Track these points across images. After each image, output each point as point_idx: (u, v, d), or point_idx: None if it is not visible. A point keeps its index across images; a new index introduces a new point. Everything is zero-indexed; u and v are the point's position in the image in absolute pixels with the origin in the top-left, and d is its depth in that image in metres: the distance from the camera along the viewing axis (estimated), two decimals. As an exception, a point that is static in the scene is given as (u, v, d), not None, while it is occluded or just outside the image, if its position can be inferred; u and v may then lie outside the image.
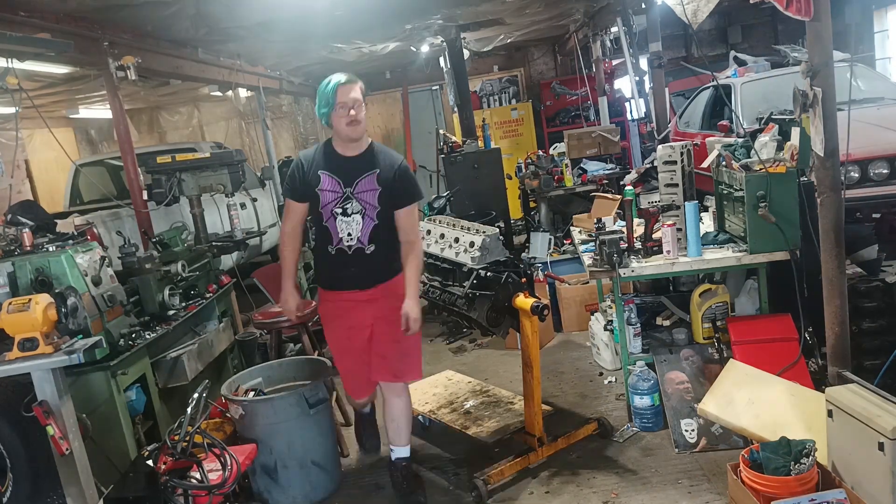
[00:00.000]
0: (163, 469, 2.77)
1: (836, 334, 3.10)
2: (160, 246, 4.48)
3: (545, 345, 5.13)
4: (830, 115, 2.90)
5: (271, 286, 5.27)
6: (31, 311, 2.88)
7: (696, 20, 3.62)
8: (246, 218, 7.30)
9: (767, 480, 2.57)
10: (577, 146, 6.66)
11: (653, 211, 3.74)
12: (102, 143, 11.35)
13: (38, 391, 2.97)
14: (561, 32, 10.00)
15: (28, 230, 3.46)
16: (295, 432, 3.37)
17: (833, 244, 3.03)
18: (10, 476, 3.35)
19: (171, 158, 5.17)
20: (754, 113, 4.71)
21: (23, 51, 4.32)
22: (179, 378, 3.87)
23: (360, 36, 7.43)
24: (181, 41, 6.38)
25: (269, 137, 8.95)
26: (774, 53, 7.24)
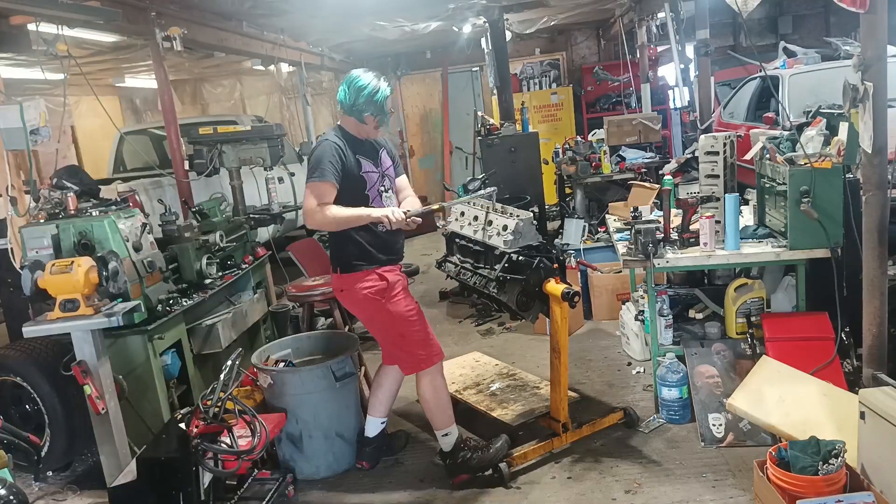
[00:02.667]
0: (194, 433, 2.84)
1: (873, 335, 3.04)
2: (199, 216, 4.56)
3: (574, 332, 5.11)
4: (881, 111, 2.82)
5: (306, 260, 5.34)
6: (73, 273, 2.96)
7: (747, 9, 3.54)
8: (283, 192, 7.38)
9: (794, 479, 2.54)
10: (617, 133, 6.58)
11: (691, 202, 3.68)
12: (146, 112, 11.52)
13: (78, 351, 3.07)
14: (606, 16, 9.84)
15: (73, 194, 3.55)
16: (321, 404, 3.43)
17: (876, 244, 2.96)
18: (48, 431, 3.48)
19: (212, 130, 5.23)
20: (802, 106, 4.58)
21: (72, 18, 4.40)
22: (213, 345, 3.97)
23: (403, 14, 7.41)
24: (227, 14, 6.44)
25: (309, 113, 9.00)
26: (826, 46, 7.03)
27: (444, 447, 3.32)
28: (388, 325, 3.26)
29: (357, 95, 3.15)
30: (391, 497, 3.28)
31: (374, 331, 3.41)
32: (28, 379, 3.45)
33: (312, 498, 3.35)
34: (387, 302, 3.20)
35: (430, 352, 3.28)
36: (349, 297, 3.28)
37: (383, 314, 3.23)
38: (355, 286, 3.21)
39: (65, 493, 3.56)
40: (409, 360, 3.30)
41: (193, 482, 2.76)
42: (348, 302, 3.34)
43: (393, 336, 3.28)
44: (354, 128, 3.25)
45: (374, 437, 3.53)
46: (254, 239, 5.16)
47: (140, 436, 3.38)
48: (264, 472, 3.36)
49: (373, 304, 3.21)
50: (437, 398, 3.30)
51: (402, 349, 3.28)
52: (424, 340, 3.27)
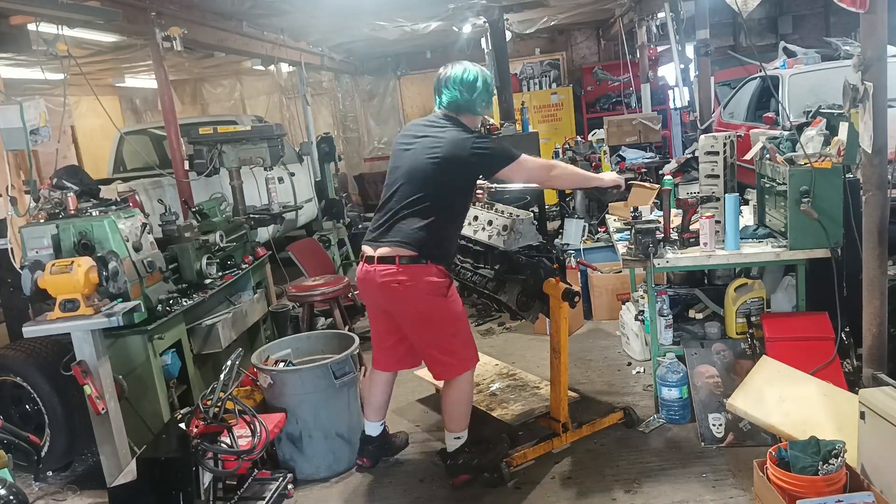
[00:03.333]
0: (194, 433, 2.84)
1: (873, 335, 3.04)
2: (199, 216, 4.56)
3: (574, 332, 5.11)
4: (881, 112, 2.82)
5: (305, 260, 5.35)
6: (73, 272, 2.96)
7: (747, 9, 3.54)
8: (283, 192, 7.38)
9: (794, 479, 2.54)
10: (617, 133, 6.57)
11: (691, 202, 3.68)
12: (146, 112, 11.53)
13: (78, 351, 3.07)
14: (606, 16, 9.85)
15: (73, 194, 3.55)
16: (321, 404, 3.43)
17: (876, 244, 2.96)
18: (48, 432, 3.48)
19: (212, 130, 5.24)
20: (802, 106, 4.58)
21: (72, 18, 4.40)
22: (213, 345, 3.96)
23: (403, 14, 7.41)
24: (227, 14, 6.44)
25: (309, 113, 9.00)
26: (825, 45, 7.04)
27: (449, 448, 3.31)
28: (445, 324, 3.16)
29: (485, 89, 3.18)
30: (391, 497, 3.28)
31: (425, 329, 3.19)
32: (28, 379, 3.45)
33: (312, 498, 3.35)
34: (447, 300, 3.13)
35: (473, 352, 3.27)
36: (410, 290, 3.05)
37: (444, 312, 3.13)
38: (423, 279, 3.04)
39: (65, 493, 3.56)
40: (451, 362, 3.20)
41: (193, 482, 2.75)
42: (407, 295, 3.07)
43: (445, 335, 3.17)
44: (472, 123, 3.24)
45: (377, 436, 3.53)
46: (254, 239, 5.16)
47: (140, 436, 3.38)
48: (264, 472, 3.36)
49: (434, 300, 3.08)
50: (465, 401, 3.26)
51: (450, 350, 3.19)
52: (470, 340, 3.27)
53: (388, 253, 3.07)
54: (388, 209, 3.16)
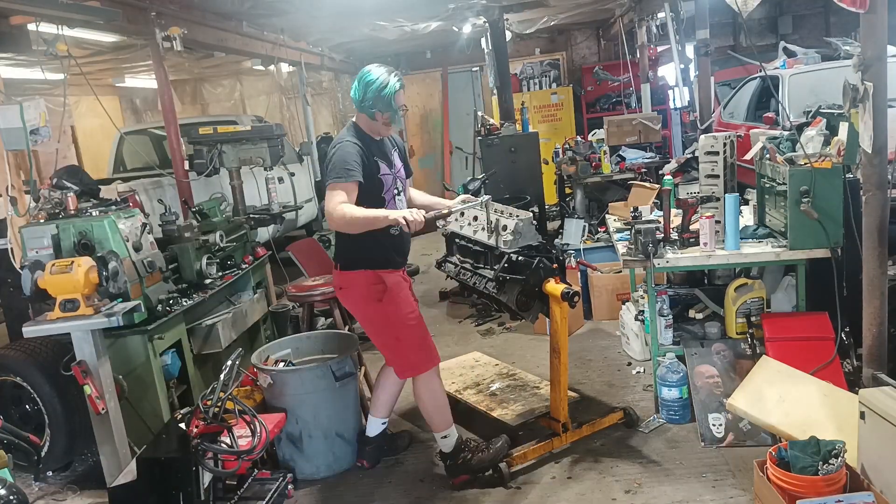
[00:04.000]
0: (194, 433, 2.84)
1: (873, 335, 3.04)
2: (199, 216, 4.56)
3: (574, 332, 5.11)
4: (881, 111, 2.82)
5: (306, 260, 5.34)
6: (73, 272, 2.96)
7: (747, 9, 3.54)
8: (283, 192, 7.38)
9: (794, 479, 2.54)
10: (617, 133, 6.57)
11: (691, 202, 3.68)
12: (146, 112, 11.53)
13: (78, 351, 3.07)
14: (606, 16, 9.84)
15: (73, 194, 3.55)
16: (321, 404, 3.43)
17: (876, 244, 2.96)
18: (48, 432, 3.48)
19: (212, 130, 5.24)
20: (802, 106, 4.58)
21: (72, 18, 4.40)
22: (213, 345, 3.96)
23: (403, 14, 7.41)
24: (227, 14, 6.44)
25: (309, 113, 9.00)
26: (825, 46, 7.03)
27: (443, 448, 3.32)
28: (384, 328, 3.23)
29: (366, 91, 3.12)
30: (391, 497, 3.28)
31: (369, 332, 3.35)
32: (28, 379, 3.45)
33: (312, 498, 3.35)
34: (384, 304, 3.18)
35: (424, 356, 3.25)
36: (348, 295, 3.27)
37: (380, 316, 3.21)
38: (354, 285, 3.20)
39: (65, 493, 3.56)
40: (403, 364, 3.27)
41: (193, 482, 2.75)
42: (347, 301, 3.33)
43: (389, 339, 3.24)
44: (367, 125, 3.21)
45: (375, 436, 3.53)
46: (254, 239, 5.16)
47: (140, 436, 3.38)
48: (264, 472, 3.35)
49: (371, 305, 3.19)
50: (434, 401, 3.28)
51: (396, 353, 3.26)
52: (419, 345, 3.24)
53: (335, 261, 3.29)
54: None
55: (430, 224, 3.41)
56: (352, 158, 3.03)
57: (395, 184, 3.26)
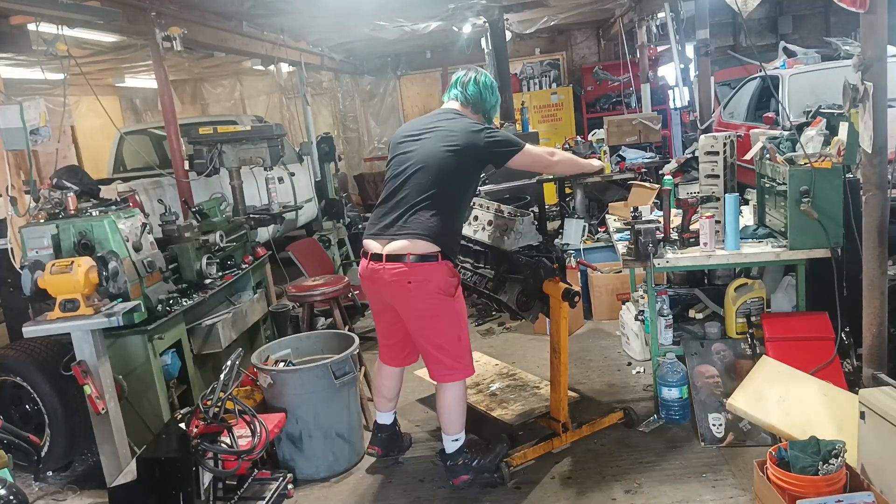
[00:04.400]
0: (194, 433, 2.84)
1: (873, 335, 3.03)
2: (199, 216, 4.56)
3: (574, 332, 5.11)
4: (881, 111, 2.82)
5: (305, 260, 5.34)
6: (73, 273, 2.96)
7: (747, 9, 3.54)
8: (283, 192, 7.37)
9: (794, 479, 2.54)
10: (617, 133, 6.57)
11: (691, 202, 3.68)
12: (146, 112, 11.54)
13: (78, 351, 3.07)
14: (605, 16, 9.85)
15: (73, 194, 3.55)
16: (321, 404, 3.43)
17: (876, 244, 2.96)
18: (48, 432, 3.48)
19: (212, 130, 5.23)
20: (802, 106, 4.59)
21: (72, 18, 4.40)
22: (213, 345, 3.96)
23: (403, 14, 7.41)
24: (227, 14, 6.44)
25: (309, 113, 9.00)
26: (825, 45, 7.04)
27: (448, 450, 3.30)
28: (451, 326, 3.09)
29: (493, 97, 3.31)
30: (391, 497, 3.28)
31: (431, 329, 3.10)
32: (28, 379, 3.45)
33: (312, 498, 3.35)
34: (456, 301, 3.08)
35: (471, 360, 3.23)
36: (420, 288, 3.00)
37: (450, 313, 3.07)
38: (432, 277, 2.99)
39: (65, 493, 3.56)
40: (454, 365, 3.14)
41: (193, 482, 2.76)
42: (415, 294, 3.02)
43: (451, 337, 3.10)
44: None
45: (391, 423, 3.54)
46: (254, 239, 5.16)
47: (140, 436, 3.38)
48: (264, 472, 3.36)
49: (444, 300, 3.03)
50: (459, 406, 3.21)
51: (452, 353, 3.11)
52: (469, 347, 3.22)
53: (399, 249, 3.00)
54: (399, 200, 3.08)
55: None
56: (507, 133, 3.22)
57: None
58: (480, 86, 3.26)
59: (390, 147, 3.34)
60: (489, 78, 3.33)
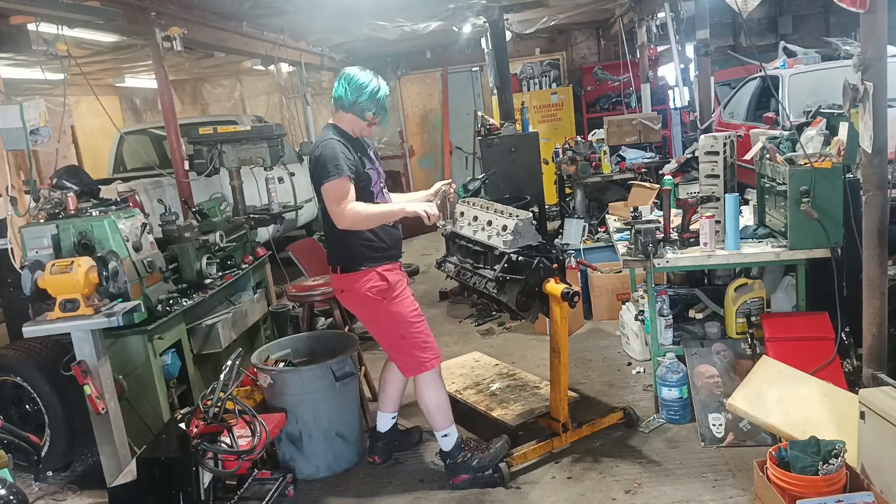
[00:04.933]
0: (194, 433, 2.84)
1: (873, 335, 3.03)
2: (199, 216, 4.56)
3: (574, 332, 5.11)
4: (881, 111, 2.82)
5: (305, 260, 5.34)
6: (73, 272, 2.96)
7: (747, 9, 3.54)
8: (283, 192, 7.38)
9: (794, 479, 2.54)
10: (617, 133, 6.57)
11: (691, 202, 3.68)
12: (146, 112, 11.54)
13: (78, 351, 3.07)
14: (606, 16, 9.84)
15: (73, 194, 3.55)
16: (321, 404, 3.43)
17: (876, 244, 2.96)
18: (48, 432, 3.48)
19: (212, 130, 5.23)
20: (802, 106, 4.58)
21: (72, 18, 4.40)
22: (213, 345, 3.96)
23: (403, 14, 7.41)
24: (227, 14, 6.44)
25: (309, 113, 9.01)
26: (825, 46, 7.04)
27: (443, 447, 3.32)
28: (390, 327, 3.23)
29: (359, 93, 3.16)
30: (391, 497, 3.28)
31: (374, 332, 3.34)
32: (28, 379, 3.45)
33: (312, 498, 3.35)
34: (388, 302, 3.18)
35: (428, 354, 3.25)
36: (350, 297, 3.26)
37: (385, 315, 3.21)
38: (356, 286, 3.18)
39: (65, 493, 3.56)
40: (408, 363, 3.28)
41: (193, 482, 2.76)
42: (349, 302, 3.31)
43: (393, 338, 3.25)
44: (350, 125, 3.24)
45: (386, 431, 3.55)
46: (254, 239, 5.15)
47: (140, 436, 3.38)
48: (264, 472, 3.36)
49: (374, 304, 3.18)
50: (436, 400, 3.29)
51: (401, 351, 3.26)
52: (424, 343, 3.25)
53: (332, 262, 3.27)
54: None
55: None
56: (339, 155, 3.07)
57: (379, 178, 3.31)
58: (342, 82, 3.18)
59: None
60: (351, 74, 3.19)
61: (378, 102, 3.19)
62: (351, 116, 3.22)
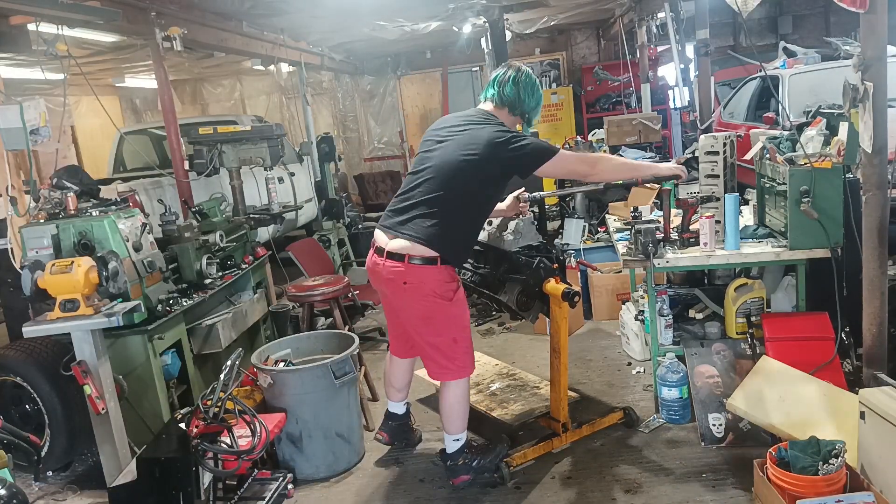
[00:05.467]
0: (194, 433, 2.84)
1: (873, 335, 3.04)
2: (199, 216, 4.56)
3: (574, 332, 5.11)
4: (881, 111, 2.82)
5: (305, 260, 5.34)
6: (73, 273, 2.96)
7: (747, 9, 3.54)
8: (283, 192, 7.37)
9: (794, 479, 2.54)
10: (617, 133, 6.57)
11: (691, 202, 3.69)
12: (146, 112, 11.54)
13: (78, 351, 3.07)
14: (606, 16, 9.84)
15: (73, 194, 3.55)
16: (321, 404, 3.43)
17: (876, 244, 2.96)
18: (48, 432, 3.48)
19: (212, 130, 5.23)
20: (802, 106, 4.59)
21: (72, 18, 4.40)
22: (213, 345, 3.96)
23: (403, 14, 7.41)
24: (227, 14, 6.44)
25: (309, 113, 9.00)
26: (825, 45, 7.04)
27: (448, 450, 3.30)
28: (447, 327, 3.09)
29: (532, 96, 3.15)
30: (391, 497, 3.28)
31: (426, 330, 3.13)
32: (28, 379, 3.45)
33: (312, 498, 3.34)
34: (453, 305, 3.07)
35: (469, 361, 3.21)
36: (413, 291, 3.02)
37: (445, 315, 3.07)
38: (430, 280, 3.00)
39: (65, 493, 3.56)
40: (449, 366, 3.15)
41: (193, 482, 2.75)
42: (408, 295, 3.06)
43: (446, 339, 3.11)
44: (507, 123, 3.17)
45: (402, 414, 3.56)
46: (254, 239, 5.15)
47: (140, 436, 3.38)
48: (264, 472, 3.35)
49: (438, 302, 3.03)
50: (461, 405, 3.21)
51: (448, 354, 3.12)
52: (468, 350, 3.19)
53: (399, 249, 3.01)
54: (410, 199, 3.07)
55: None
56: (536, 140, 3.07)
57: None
58: (520, 86, 3.12)
59: (423, 138, 3.30)
60: (531, 77, 3.18)
61: (537, 111, 3.22)
62: (508, 115, 3.16)
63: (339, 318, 4.27)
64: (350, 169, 12.08)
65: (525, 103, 3.15)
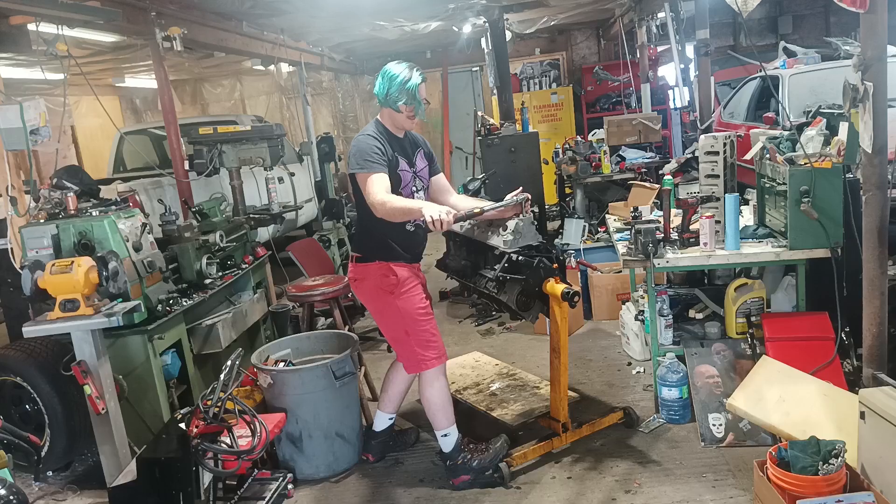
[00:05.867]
0: (194, 433, 2.84)
1: (873, 335, 3.03)
2: (199, 216, 4.56)
3: (574, 332, 5.11)
4: (881, 111, 2.82)
5: (305, 260, 5.35)
6: (73, 273, 2.96)
7: (747, 8, 3.54)
8: (283, 192, 7.37)
9: (794, 479, 2.54)
10: (617, 133, 6.57)
11: (691, 202, 3.69)
12: (146, 112, 11.53)
13: (78, 351, 3.07)
14: (606, 16, 9.84)
15: (73, 194, 3.55)
16: (321, 404, 3.43)
17: (876, 244, 2.96)
18: (48, 432, 3.48)
19: (212, 130, 5.23)
20: (802, 106, 4.59)
21: (72, 18, 4.40)
22: (213, 345, 3.96)
23: (403, 14, 7.41)
24: (227, 14, 6.44)
25: (309, 113, 9.00)
26: (825, 45, 7.04)
27: (443, 448, 3.32)
28: (395, 321, 3.24)
29: (390, 85, 3.19)
30: (391, 497, 3.28)
31: (381, 325, 3.40)
32: (28, 379, 3.44)
33: (312, 498, 3.35)
34: (396, 297, 3.19)
35: (433, 353, 3.25)
36: (362, 287, 3.30)
37: (391, 309, 3.23)
38: (367, 276, 3.24)
39: (65, 493, 3.56)
40: (409, 359, 3.29)
41: (193, 482, 2.75)
42: (360, 292, 3.34)
43: (398, 332, 3.26)
44: (390, 120, 3.26)
45: (382, 431, 3.56)
46: (254, 239, 5.15)
47: (140, 436, 3.38)
48: (264, 472, 3.36)
49: (383, 297, 3.22)
50: (439, 399, 3.29)
51: (404, 347, 3.27)
52: (429, 341, 3.24)
53: (353, 251, 3.36)
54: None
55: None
56: (371, 150, 3.10)
57: (413, 182, 3.30)
58: (383, 78, 3.23)
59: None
60: (391, 65, 3.29)
61: (408, 92, 3.18)
62: (388, 111, 3.25)
63: (339, 318, 4.27)
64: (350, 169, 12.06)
65: (389, 92, 3.20)
